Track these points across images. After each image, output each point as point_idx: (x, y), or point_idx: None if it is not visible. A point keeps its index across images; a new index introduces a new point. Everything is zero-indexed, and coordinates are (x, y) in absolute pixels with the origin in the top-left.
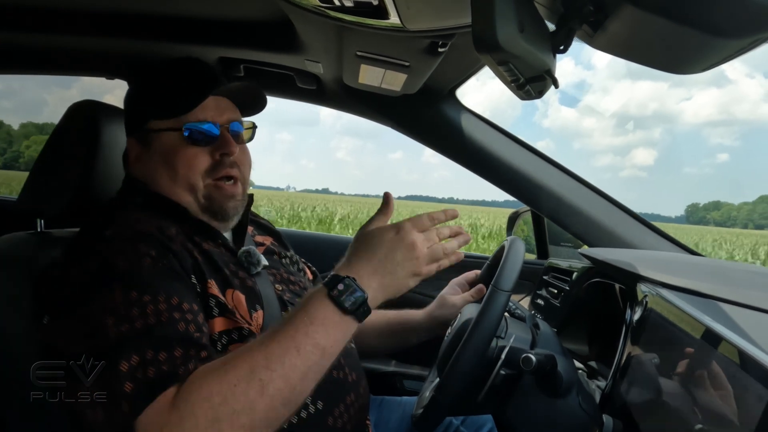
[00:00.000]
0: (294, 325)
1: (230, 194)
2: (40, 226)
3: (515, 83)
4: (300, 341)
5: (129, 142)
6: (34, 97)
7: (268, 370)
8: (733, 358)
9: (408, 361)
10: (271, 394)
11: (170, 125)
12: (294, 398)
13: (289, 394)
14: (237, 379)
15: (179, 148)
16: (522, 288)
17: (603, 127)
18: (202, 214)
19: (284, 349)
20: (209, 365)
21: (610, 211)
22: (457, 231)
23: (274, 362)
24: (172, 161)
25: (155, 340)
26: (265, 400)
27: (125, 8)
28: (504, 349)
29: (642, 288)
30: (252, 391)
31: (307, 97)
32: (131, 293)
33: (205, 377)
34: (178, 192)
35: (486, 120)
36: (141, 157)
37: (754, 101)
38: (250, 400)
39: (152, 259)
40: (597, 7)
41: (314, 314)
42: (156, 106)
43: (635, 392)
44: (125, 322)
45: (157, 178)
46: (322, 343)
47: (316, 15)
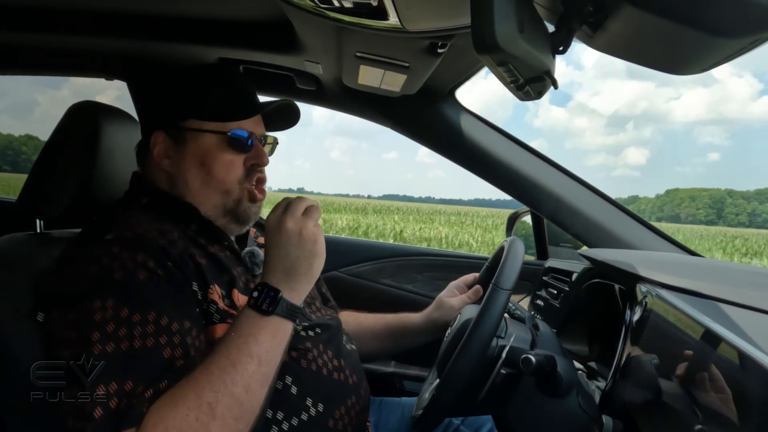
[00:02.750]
0: (226, 343)
1: (258, 199)
2: (39, 227)
3: (514, 84)
4: (234, 357)
5: (156, 135)
6: (26, 97)
7: (212, 392)
8: (732, 358)
9: (408, 361)
10: (221, 413)
11: (214, 128)
12: (245, 412)
13: (239, 409)
14: (187, 408)
15: (219, 152)
16: (522, 288)
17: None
18: (222, 216)
19: (222, 369)
20: (161, 399)
21: (610, 212)
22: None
23: (216, 383)
24: (209, 163)
25: (136, 370)
26: (218, 421)
27: (125, 8)
28: (504, 348)
29: (641, 288)
30: (203, 416)
31: (307, 98)
32: (123, 310)
33: (158, 413)
34: (208, 193)
35: (486, 121)
36: (170, 152)
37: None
38: (204, 425)
39: (149, 271)
40: (597, 7)
41: (240, 327)
42: (204, 107)
43: (635, 393)
44: (111, 341)
45: (187, 177)
46: (255, 351)
47: (315, 16)
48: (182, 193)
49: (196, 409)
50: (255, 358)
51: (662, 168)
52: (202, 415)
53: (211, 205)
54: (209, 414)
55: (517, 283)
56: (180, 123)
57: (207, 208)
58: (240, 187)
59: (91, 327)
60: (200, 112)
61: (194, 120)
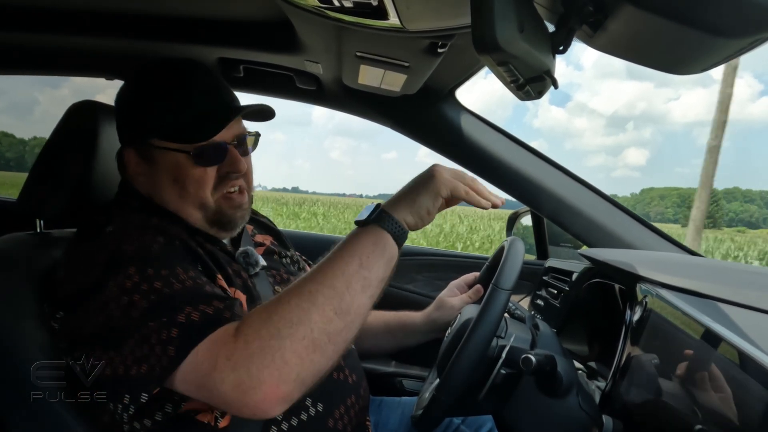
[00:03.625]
0: (331, 251)
1: (238, 204)
2: (39, 226)
3: (515, 84)
4: (336, 254)
5: (127, 152)
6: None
7: (314, 282)
8: (732, 358)
9: (408, 361)
10: (321, 302)
11: (178, 147)
12: (345, 309)
13: (339, 302)
14: (289, 296)
15: (187, 168)
16: (522, 288)
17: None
18: (210, 227)
19: (322, 266)
20: (261, 305)
21: (610, 212)
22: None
23: (318, 274)
24: (181, 179)
25: (189, 298)
26: (318, 309)
27: (125, 8)
28: (504, 348)
29: (642, 288)
30: (304, 302)
31: (307, 98)
32: (147, 270)
33: (263, 307)
34: (187, 208)
35: (486, 120)
36: (142, 170)
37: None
38: (303, 310)
39: (160, 244)
40: (597, 7)
41: (347, 237)
42: (165, 128)
43: (635, 392)
44: (152, 294)
45: (163, 194)
46: (356, 251)
47: (315, 15)
48: (164, 208)
49: (297, 296)
50: (356, 258)
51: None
52: (303, 301)
53: (193, 219)
54: (310, 301)
55: (517, 283)
56: (147, 141)
57: (192, 222)
58: (214, 197)
59: (127, 295)
60: (165, 133)
61: (158, 140)
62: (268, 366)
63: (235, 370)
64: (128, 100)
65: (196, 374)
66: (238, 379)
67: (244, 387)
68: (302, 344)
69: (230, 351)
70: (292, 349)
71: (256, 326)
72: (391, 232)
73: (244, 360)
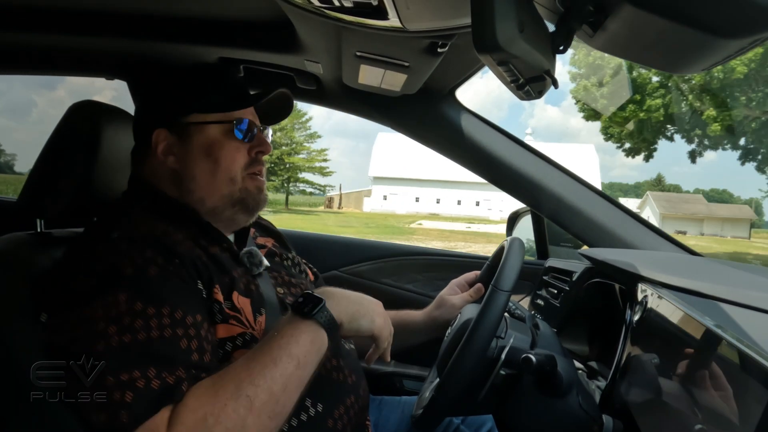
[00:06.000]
0: (269, 342)
1: (261, 186)
2: (40, 226)
3: (515, 83)
4: (275, 354)
5: (159, 133)
6: (22, 97)
7: (252, 386)
8: (733, 358)
9: (408, 361)
10: (258, 408)
11: (218, 119)
12: (278, 411)
13: (274, 406)
14: (226, 399)
15: (225, 141)
16: (522, 288)
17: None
18: (231, 207)
19: (263, 364)
20: (201, 384)
21: (610, 212)
22: None
23: (256, 377)
24: (216, 153)
25: (157, 358)
26: (254, 414)
27: (125, 8)
28: (504, 348)
29: (642, 288)
30: (241, 408)
31: (307, 98)
32: (136, 303)
33: (198, 398)
34: (216, 183)
35: (486, 120)
36: (174, 149)
37: None
38: (240, 417)
39: (159, 267)
40: (597, 7)
41: (284, 329)
42: (205, 100)
43: (635, 392)
44: (128, 333)
45: (195, 170)
46: (294, 352)
47: (315, 15)
48: (189, 187)
49: (234, 400)
50: (294, 359)
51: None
52: (240, 407)
53: (219, 195)
54: (247, 407)
55: (517, 283)
56: (183, 119)
57: (215, 200)
58: (242, 175)
59: (105, 321)
60: (203, 105)
61: (197, 114)
62: None
63: None
64: (165, 80)
65: None
66: None
67: None
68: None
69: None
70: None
71: (190, 423)
72: (326, 329)
73: None
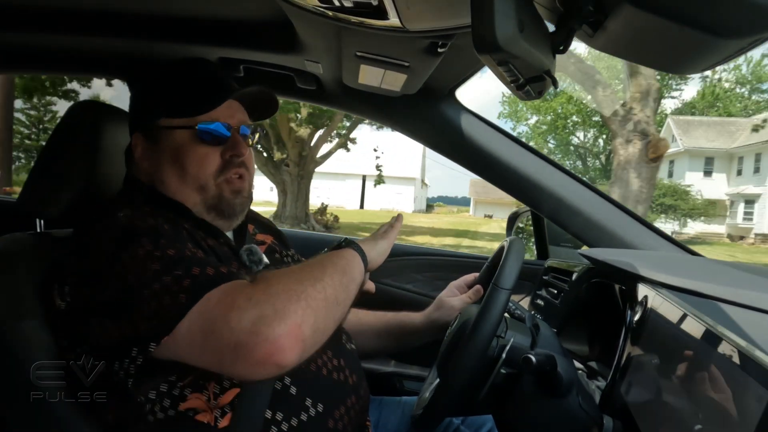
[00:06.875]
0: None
1: (238, 189)
2: (40, 226)
3: (515, 83)
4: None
5: (135, 137)
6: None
7: (310, 267)
8: (733, 358)
9: (407, 361)
10: (328, 276)
11: (182, 123)
12: (341, 289)
13: (341, 278)
14: (299, 268)
15: (190, 146)
16: (522, 288)
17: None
18: (207, 213)
19: (315, 261)
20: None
21: (610, 212)
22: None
23: (313, 263)
24: (182, 159)
25: (202, 262)
26: (324, 280)
27: (125, 8)
28: (504, 348)
29: (642, 288)
30: (316, 271)
31: (307, 98)
32: (160, 240)
33: (275, 271)
34: (186, 190)
35: (486, 120)
36: (147, 153)
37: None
38: (315, 277)
39: (170, 226)
40: (597, 7)
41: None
42: (170, 104)
43: (635, 392)
44: (165, 258)
45: (163, 176)
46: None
47: (315, 15)
48: (164, 192)
49: (306, 268)
50: (342, 260)
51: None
52: (314, 270)
53: (192, 202)
54: (314, 276)
55: (517, 282)
56: (153, 123)
57: (190, 206)
58: (216, 182)
59: (138, 262)
60: (170, 109)
61: (165, 118)
62: (293, 303)
63: (258, 306)
64: (140, 89)
65: (206, 318)
66: (261, 314)
67: (268, 320)
68: (320, 296)
69: (250, 292)
70: (313, 296)
71: (276, 276)
72: (361, 256)
73: (267, 297)
